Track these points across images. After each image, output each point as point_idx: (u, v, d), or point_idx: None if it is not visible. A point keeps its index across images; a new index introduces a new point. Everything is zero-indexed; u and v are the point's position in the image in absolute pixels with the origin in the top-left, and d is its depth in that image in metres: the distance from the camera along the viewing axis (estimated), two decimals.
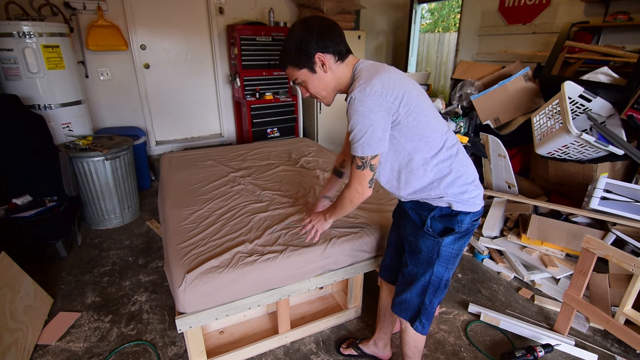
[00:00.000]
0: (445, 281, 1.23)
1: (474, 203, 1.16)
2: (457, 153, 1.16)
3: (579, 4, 2.92)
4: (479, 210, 1.19)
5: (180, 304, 1.36)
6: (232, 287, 1.42)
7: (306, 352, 1.72)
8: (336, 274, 1.66)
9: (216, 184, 2.20)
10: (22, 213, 2.31)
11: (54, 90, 2.84)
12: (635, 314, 1.59)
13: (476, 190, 1.17)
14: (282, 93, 4.25)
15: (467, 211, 1.15)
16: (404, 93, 1.06)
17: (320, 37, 1.09)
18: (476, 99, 2.84)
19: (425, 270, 1.21)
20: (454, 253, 1.20)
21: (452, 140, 1.17)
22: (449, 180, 1.13)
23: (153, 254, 2.51)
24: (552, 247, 2.29)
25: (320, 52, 1.10)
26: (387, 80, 1.05)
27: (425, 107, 1.11)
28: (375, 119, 1.04)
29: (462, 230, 1.17)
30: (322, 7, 3.88)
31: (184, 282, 1.35)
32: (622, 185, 2.07)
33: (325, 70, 1.14)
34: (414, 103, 1.08)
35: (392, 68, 1.13)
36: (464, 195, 1.14)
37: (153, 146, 4.14)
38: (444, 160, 1.13)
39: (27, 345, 1.67)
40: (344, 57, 1.15)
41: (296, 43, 1.11)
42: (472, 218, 1.17)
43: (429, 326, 1.30)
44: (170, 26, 3.92)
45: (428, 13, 9.05)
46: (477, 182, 1.19)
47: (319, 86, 1.17)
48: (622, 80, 2.37)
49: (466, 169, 1.16)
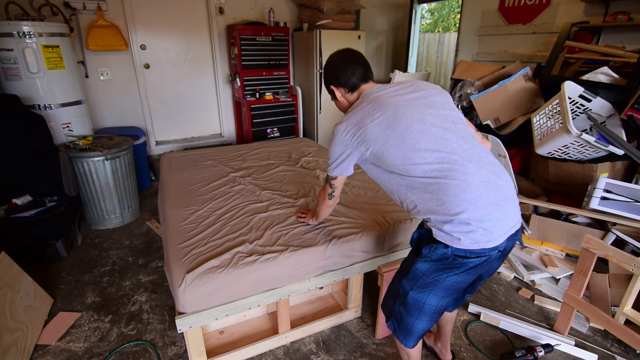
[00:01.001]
0: (414, 300, 1.16)
1: (456, 239, 1.04)
2: (445, 177, 1.05)
3: (579, 4, 2.92)
4: (468, 249, 1.04)
5: (180, 304, 1.36)
6: (232, 287, 1.42)
7: (306, 352, 1.72)
8: (336, 274, 1.66)
9: (216, 184, 2.20)
10: (22, 213, 2.31)
11: (54, 90, 2.83)
12: (635, 314, 1.59)
13: (461, 226, 1.03)
14: (282, 93, 4.25)
15: (445, 243, 1.07)
16: (365, 134, 1.15)
17: (334, 73, 1.32)
18: (476, 99, 2.84)
19: (399, 280, 1.23)
20: (426, 280, 1.13)
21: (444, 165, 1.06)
22: (428, 206, 1.09)
23: (153, 254, 2.51)
24: (552, 247, 2.29)
25: (332, 85, 1.34)
26: (354, 122, 1.18)
27: (403, 139, 1.09)
28: (337, 151, 1.25)
29: (435, 258, 1.09)
30: (322, 7, 3.88)
31: (184, 282, 1.35)
32: (622, 185, 2.07)
33: (339, 98, 1.36)
34: (381, 140, 1.12)
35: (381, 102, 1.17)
36: (444, 226, 1.06)
37: (153, 146, 4.14)
38: (428, 184, 1.08)
39: (27, 345, 1.67)
40: (355, 88, 1.31)
41: (324, 71, 1.39)
42: (454, 252, 1.06)
43: (409, 342, 1.24)
44: (170, 26, 3.92)
45: (428, 13, 9.06)
46: (465, 217, 1.02)
47: (339, 106, 1.41)
48: (622, 80, 2.37)
49: (452, 199, 1.04)
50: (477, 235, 1.04)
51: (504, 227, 1.07)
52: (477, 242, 1.04)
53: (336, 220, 1.78)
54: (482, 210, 1.03)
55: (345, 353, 1.72)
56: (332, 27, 4.01)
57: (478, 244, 1.04)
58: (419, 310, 1.17)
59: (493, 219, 1.05)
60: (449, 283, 1.11)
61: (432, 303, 1.15)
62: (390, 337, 1.80)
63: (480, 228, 1.03)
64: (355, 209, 1.91)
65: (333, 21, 4.00)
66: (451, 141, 1.10)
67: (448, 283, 1.11)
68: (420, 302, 1.16)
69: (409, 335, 1.23)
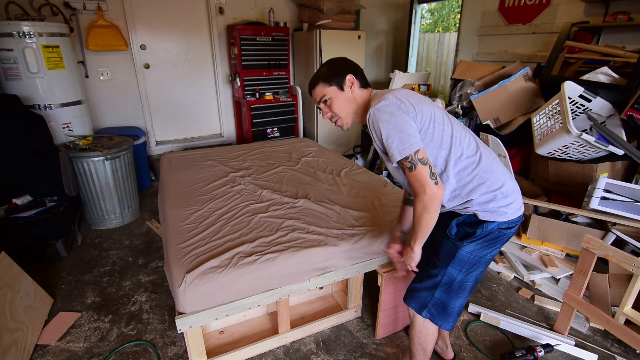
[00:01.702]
0: (459, 283, 1.26)
1: (503, 212, 1.17)
2: (479, 160, 1.18)
3: (579, 4, 2.92)
4: (511, 219, 1.18)
5: (180, 304, 1.36)
6: (231, 287, 1.42)
7: (306, 352, 1.72)
8: (336, 274, 1.66)
9: (216, 184, 2.20)
10: (22, 213, 2.31)
11: (54, 90, 2.84)
12: (635, 314, 1.59)
13: (505, 199, 1.17)
14: (282, 93, 4.25)
15: (492, 220, 1.18)
16: (416, 101, 1.17)
17: (352, 66, 1.30)
18: (476, 99, 2.84)
19: (440, 270, 1.27)
20: (473, 259, 1.22)
21: (473, 148, 1.20)
22: (470, 187, 1.17)
23: (153, 254, 2.51)
24: (552, 247, 2.29)
25: (352, 74, 1.27)
26: (399, 92, 1.18)
27: (439, 115, 1.19)
28: (398, 120, 1.11)
29: (484, 235, 1.19)
30: (322, 7, 3.88)
31: (183, 283, 1.35)
32: (622, 185, 2.07)
33: (353, 90, 1.28)
34: (428, 110, 1.17)
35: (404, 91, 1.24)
36: (489, 204, 1.17)
37: (153, 146, 4.14)
38: (465, 167, 1.18)
39: (27, 345, 1.67)
40: (366, 87, 1.31)
41: (332, 64, 1.30)
42: (500, 226, 1.18)
43: (449, 324, 1.31)
44: (170, 26, 3.92)
45: (428, 13, 9.06)
46: (505, 190, 1.17)
47: (342, 105, 1.28)
48: (622, 80, 2.37)
49: (490, 176, 1.17)
50: (515, 205, 1.20)
51: (521, 195, 1.25)
52: (515, 212, 1.19)
53: (336, 220, 1.78)
54: (513, 182, 1.21)
55: (345, 353, 1.72)
56: (332, 27, 4.01)
57: (515, 213, 1.20)
58: (462, 290, 1.27)
59: (518, 191, 1.23)
60: (490, 257, 1.24)
61: (471, 279, 1.27)
62: (390, 337, 1.80)
63: (516, 199, 1.20)
64: (354, 209, 1.91)
65: (333, 21, 4.00)
66: (468, 131, 1.25)
67: (489, 257, 1.24)
68: (465, 282, 1.26)
69: (449, 317, 1.31)
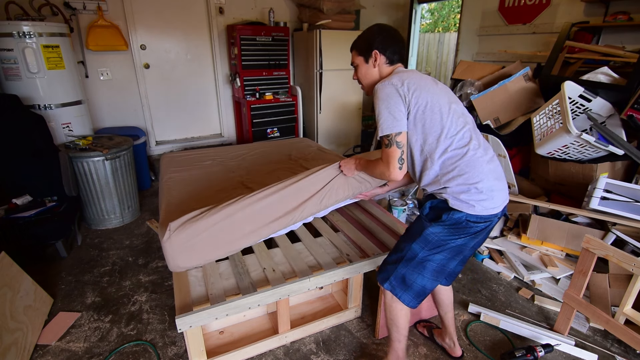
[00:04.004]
0: (421, 259, 1.33)
1: (471, 206, 1.23)
2: (464, 154, 1.24)
3: (579, 4, 2.92)
4: (479, 214, 1.24)
5: (170, 258, 1.31)
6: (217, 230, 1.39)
7: (306, 352, 1.72)
8: (336, 274, 1.66)
9: (216, 185, 2.19)
10: (22, 213, 2.31)
11: (54, 90, 2.84)
12: (635, 314, 1.59)
13: (479, 194, 1.22)
14: (282, 93, 4.25)
15: (460, 210, 1.24)
16: (417, 88, 1.26)
17: (384, 40, 1.38)
18: (476, 99, 2.84)
19: (406, 245, 1.37)
20: (437, 241, 1.30)
21: (465, 142, 1.26)
22: (450, 176, 1.25)
23: (153, 254, 2.51)
24: (552, 247, 2.29)
25: (378, 50, 1.37)
26: (405, 76, 1.28)
27: (439, 106, 1.26)
28: (391, 102, 1.25)
29: (450, 223, 1.26)
30: (322, 7, 3.88)
31: (167, 230, 1.31)
32: (622, 185, 2.07)
33: (375, 66, 1.40)
34: (427, 98, 1.25)
35: (420, 74, 1.34)
36: (461, 195, 1.24)
37: (153, 146, 4.14)
38: (450, 157, 1.25)
39: (27, 345, 1.67)
40: (393, 63, 1.41)
41: (366, 35, 1.41)
42: (468, 218, 1.24)
43: (407, 297, 1.38)
44: (170, 26, 3.92)
45: (428, 13, 9.06)
46: (481, 186, 1.22)
47: (364, 74, 1.44)
48: (622, 80, 2.37)
49: (471, 170, 1.23)
50: (487, 203, 1.24)
51: (503, 197, 1.29)
52: (487, 209, 1.24)
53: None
54: (491, 182, 1.25)
55: (345, 353, 1.72)
56: (332, 27, 4.01)
57: (487, 210, 1.24)
58: (423, 267, 1.34)
59: (498, 190, 1.26)
60: (455, 244, 1.30)
61: (436, 260, 1.33)
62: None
63: (491, 198, 1.24)
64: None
65: (333, 21, 4.00)
66: (468, 125, 1.30)
67: (455, 244, 1.30)
68: (427, 260, 1.33)
69: (408, 289, 1.38)
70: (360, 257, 1.75)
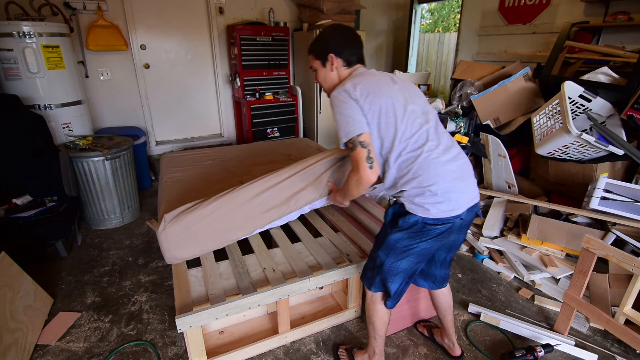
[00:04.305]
0: (389, 267, 1.33)
1: (426, 209, 1.22)
2: (419, 155, 1.23)
3: (579, 4, 2.92)
4: (436, 217, 1.22)
5: (166, 249, 1.31)
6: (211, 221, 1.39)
7: (306, 352, 1.72)
8: (336, 274, 1.66)
9: (215, 185, 2.19)
10: (22, 213, 2.31)
11: (54, 90, 2.83)
12: (635, 314, 1.59)
13: (433, 197, 1.21)
14: (282, 93, 4.25)
15: (415, 213, 1.24)
16: (371, 92, 1.25)
17: (339, 43, 1.36)
18: (476, 99, 2.84)
19: (375, 252, 1.40)
20: (399, 247, 1.30)
21: (419, 143, 1.24)
22: (405, 179, 1.25)
23: (153, 254, 2.51)
24: (552, 247, 2.29)
25: (333, 53, 1.36)
26: (359, 81, 1.28)
27: (394, 109, 1.25)
28: (346, 106, 1.25)
29: (407, 227, 1.26)
30: (322, 7, 3.88)
31: (162, 222, 1.31)
32: (622, 185, 2.07)
33: (332, 69, 1.38)
34: (380, 102, 1.24)
35: (377, 75, 1.33)
36: (416, 198, 1.23)
37: (153, 146, 4.14)
38: (405, 160, 1.25)
39: (27, 345, 1.67)
40: (351, 65, 1.39)
41: (321, 38, 1.40)
42: (425, 221, 1.24)
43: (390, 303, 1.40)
44: (170, 26, 3.92)
45: (428, 13, 9.06)
46: (435, 189, 1.20)
47: (323, 78, 1.43)
48: (622, 80, 2.37)
49: (425, 173, 1.22)
50: (443, 205, 1.21)
51: (465, 198, 1.26)
52: (443, 212, 1.22)
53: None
54: (448, 184, 1.22)
55: None
56: None
57: (444, 212, 1.22)
58: (394, 275, 1.35)
59: (456, 191, 1.23)
60: (419, 249, 1.29)
61: (404, 267, 1.33)
62: (390, 337, 1.81)
63: (447, 200, 1.21)
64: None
65: (333, 21, 4.00)
66: (427, 125, 1.28)
67: (419, 249, 1.29)
68: (395, 267, 1.33)
69: (387, 293, 1.39)
70: (360, 257, 1.75)
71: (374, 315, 1.45)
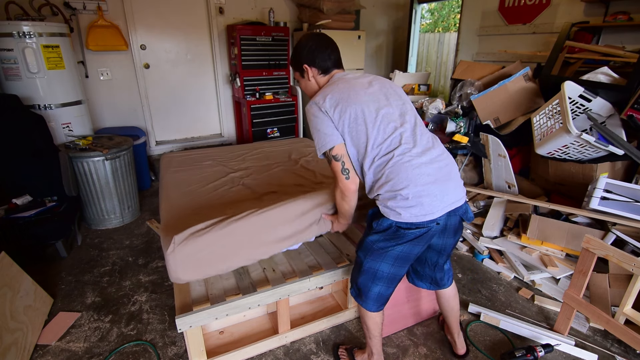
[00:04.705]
0: (367, 269, 1.35)
1: (398, 213, 1.21)
2: (390, 159, 1.23)
3: (579, 4, 2.92)
4: (408, 221, 1.21)
5: (173, 270, 1.31)
6: (222, 246, 1.38)
7: (306, 352, 1.72)
8: (336, 274, 1.66)
9: (215, 185, 2.19)
10: (22, 213, 2.31)
11: (54, 90, 2.84)
12: (635, 314, 1.59)
13: (405, 201, 1.20)
14: (282, 93, 4.25)
15: (387, 217, 1.25)
16: (340, 101, 1.27)
17: (310, 52, 1.37)
18: (476, 99, 2.84)
19: (357, 252, 1.42)
20: (375, 249, 1.31)
21: (391, 147, 1.24)
22: (379, 183, 1.25)
23: (153, 254, 2.51)
24: (552, 247, 2.29)
25: (306, 64, 1.38)
26: (329, 91, 1.30)
27: (364, 116, 1.25)
28: (317, 121, 1.29)
29: (381, 230, 1.27)
30: (322, 7, 3.88)
31: (172, 244, 1.31)
32: (622, 185, 2.07)
33: (309, 79, 1.41)
34: (350, 111, 1.25)
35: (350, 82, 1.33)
36: (389, 202, 1.23)
37: (153, 146, 4.14)
38: (378, 165, 1.26)
39: (27, 345, 1.67)
40: (328, 71, 1.40)
41: (295, 51, 1.42)
42: (398, 224, 1.23)
43: (367, 304, 1.41)
44: (170, 26, 3.92)
45: (428, 13, 9.06)
46: (406, 193, 1.19)
47: (304, 87, 1.48)
48: (622, 80, 2.37)
49: (396, 177, 1.21)
50: (415, 210, 1.20)
51: (441, 203, 1.23)
52: (415, 216, 1.21)
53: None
54: (420, 187, 1.20)
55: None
56: (332, 27, 4.01)
57: (416, 217, 1.21)
58: (373, 276, 1.35)
59: (430, 195, 1.20)
60: (396, 252, 1.29)
61: (384, 269, 1.33)
62: (390, 337, 1.81)
63: (419, 205, 1.20)
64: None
65: (333, 21, 4.00)
66: (401, 128, 1.26)
67: (395, 252, 1.29)
68: (373, 268, 1.34)
69: (366, 298, 1.40)
70: None
71: (365, 316, 1.45)
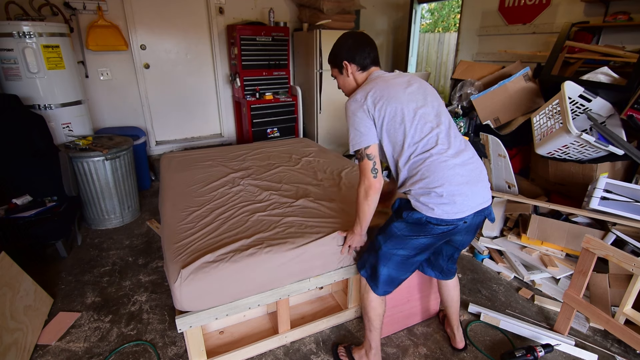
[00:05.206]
0: (384, 252, 1.38)
1: (430, 208, 1.25)
2: (427, 158, 1.27)
3: (579, 4, 2.92)
4: (439, 217, 1.25)
5: (178, 301, 1.34)
6: (228, 282, 1.40)
7: (306, 352, 1.72)
8: (336, 274, 1.66)
9: (215, 185, 2.20)
10: (22, 213, 2.31)
11: (54, 90, 2.84)
12: (635, 314, 1.59)
13: (439, 198, 1.24)
14: (282, 93, 4.25)
15: (420, 211, 1.28)
16: (381, 99, 1.30)
17: (350, 49, 1.41)
18: (476, 99, 2.84)
19: (376, 236, 1.45)
20: (399, 235, 1.35)
21: (428, 146, 1.28)
22: (413, 180, 1.29)
23: (153, 254, 2.51)
24: (552, 247, 2.29)
25: (346, 60, 1.42)
26: (369, 88, 1.33)
27: (402, 114, 1.29)
28: (356, 119, 1.32)
29: (410, 221, 1.31)
30: (322, 7, 3.88)
31: (179, 278, 1.33)
32: (622, 185, 2.07)
33: (348, 75, 1.45)
34: (389, 109, 1.29)
35: (389, 80, 1.36)
36: (421, 197, 1.27)
37: (153, 146, 4.14)
38: (414, 162, 1.30)
39: (27, 345, 1.67)
40: (366, 68, 1.44)
41: (335, 48, 1.46)
42: (428, 219, 1.27)
43: (377, 288, 1.44)
44: (170, 26, 3.92)
45: (428, 13, 9.06)
46: (441, 191, 1.24)
47: (342, 84, 1.51)
48: (622, 80, 2.37)
49: (432, 175, 1.25)
50: (447, 207, 1.25)
51: (472, 202, 1.28)
52: (447, 213, 1.25)
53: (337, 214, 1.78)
54: (455, 187, 1.25)
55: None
56: (332, 27, 4.01)
57: (448, 214, 1.25)
58: (387, 259, 1.39)
59: (463, 195, 1.26)
60: (418, 243, 1.34)
61: (400, 254, 1.37)
62: (390, 337, 1.81)
63: (452, 203, 1.24)
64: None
65: (333, 21, 4.00)
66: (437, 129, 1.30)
67: (417, 243, 1.34)
68: (390, 252, 1.38)
69: (376, 278, 1.43)
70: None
71: (368, 306, 1.48)
